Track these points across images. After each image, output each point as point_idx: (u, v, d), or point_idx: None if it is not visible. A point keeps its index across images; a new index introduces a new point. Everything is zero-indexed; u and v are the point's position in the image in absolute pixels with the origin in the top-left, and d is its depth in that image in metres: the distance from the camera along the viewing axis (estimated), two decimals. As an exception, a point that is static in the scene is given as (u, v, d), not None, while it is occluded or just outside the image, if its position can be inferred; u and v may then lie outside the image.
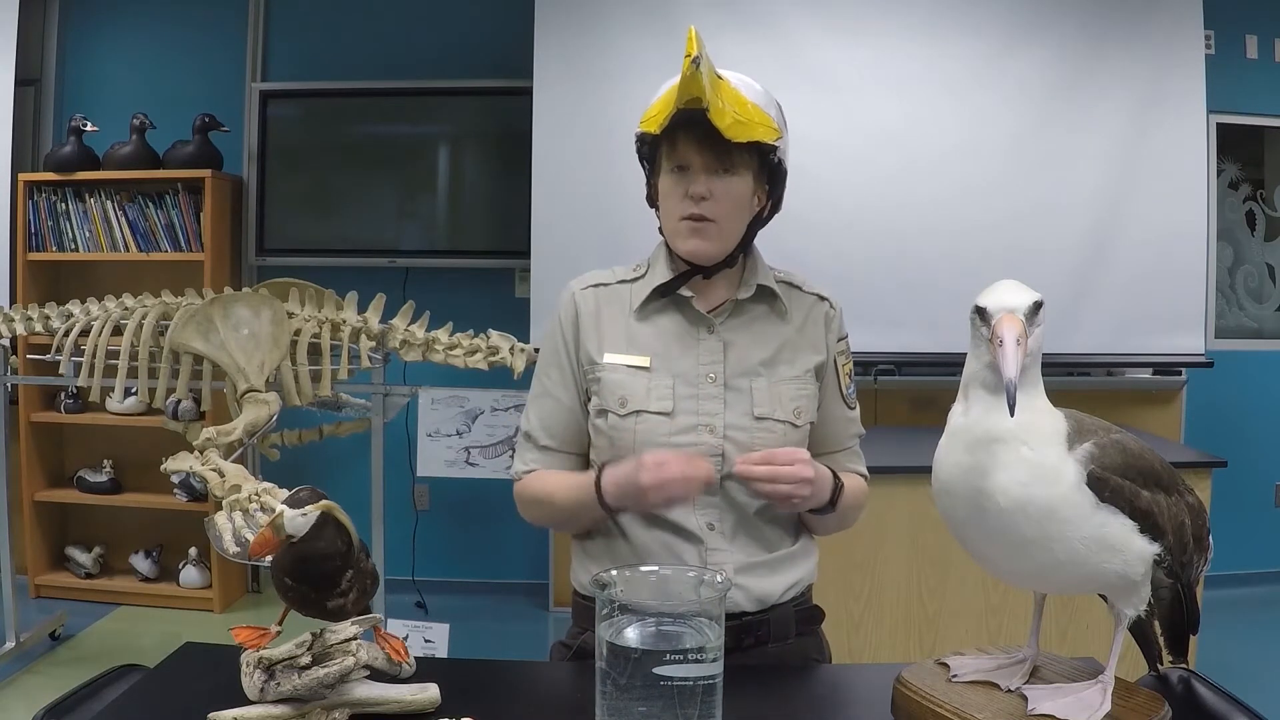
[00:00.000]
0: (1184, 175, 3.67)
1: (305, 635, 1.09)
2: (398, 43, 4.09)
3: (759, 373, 1.37)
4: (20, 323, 3.05)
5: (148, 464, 3.32)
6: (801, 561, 1.41)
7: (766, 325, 1.40)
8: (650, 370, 1.36)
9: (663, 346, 1.37)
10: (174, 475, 3.54)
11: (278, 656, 1.08)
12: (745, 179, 1.33)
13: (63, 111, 4.16)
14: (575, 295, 1.41)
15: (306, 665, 1.08)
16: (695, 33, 1.20)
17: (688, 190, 1.32)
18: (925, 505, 1.17)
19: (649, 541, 1.34)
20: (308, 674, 1.08)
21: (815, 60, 3.64)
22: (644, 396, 1.34)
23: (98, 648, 3.50)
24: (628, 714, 0.95)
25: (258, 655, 1.10)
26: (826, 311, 1.43)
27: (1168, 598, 1.07)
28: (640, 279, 1.41)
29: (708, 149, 1.29)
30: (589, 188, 3.57)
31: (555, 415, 1.41)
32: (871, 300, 3.53)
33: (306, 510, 1.07)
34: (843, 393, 1.44)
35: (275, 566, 1.11)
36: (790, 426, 1.36)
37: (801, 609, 1.42)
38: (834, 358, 1.42)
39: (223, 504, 2.33)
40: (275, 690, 1.08)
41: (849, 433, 1.46)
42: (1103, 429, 1.04)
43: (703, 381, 1.35)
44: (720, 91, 1.27)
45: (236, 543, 2.21)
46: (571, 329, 1.40)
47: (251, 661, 1.10)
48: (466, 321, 2.88)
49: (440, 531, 4.11)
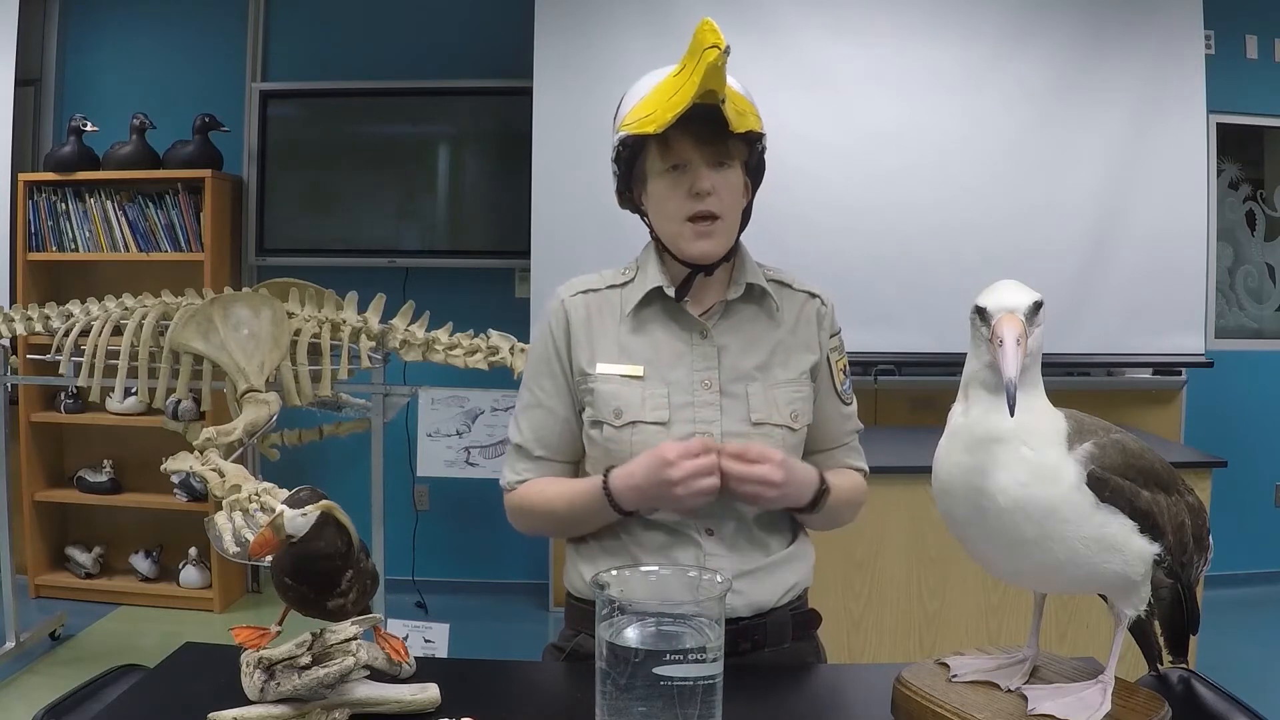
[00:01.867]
0: (1184, 175, 3.67)
1: (305, 635, 1.09)
2: (398, 43, 4.09)
3: (754, 377, 1.34)
4: (20, 323, 3.05)
5: (148, 464, 3.32)
6: (797, 564, 1.39)
7: (758, 327, 1.37)
8: (644, 379, 1.32)
9: (656, 354, 1.34)
10: (174, 475, 3.55)
11: (278, 656, 1.08)
12: (739, 171, 1.31)
13: (63, 111, 4.17)
14: (565, 303, 1.37)
15: (306, 665, 1.08)
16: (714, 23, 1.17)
17: (691, 188, 1.28)
18: (925, 505, 1.17)
19: (646, 544, 1.32)
20: (308, 674, 1.07)
21: (815, 60, 3.64)
22: (639, 407, 1.31)
23: (98, 648, 3.50)
24: (628, 714, 0.95)
25: (258, 655, 1.10)
26: (818, 309, 1.40)
27: (1168, 598, 1.07)
28: (630, 283, 1.37)
29: (706, 143, 1.27)
30: (589, 188, 3.56)
31: (549, 426, 1.38)
32: (872, 300, 3.53)
33: (306, 510, 1.07)
34: (837, 389, 1.41)
35: (275, 566, 1.11)
36: (788, 430, 1.34)
37: (798, 613, 1.40)
38: (827, 355, 1.40)
39: (223, 504, 2.33)
40: (275, 690, 1.08)
41: (845, 429, 1.44)
42: (1103, 429, 1.04)
43: (698, 389, 1.32)
44: None
45: (236, 543, 2.21)
46: (563, 338, 1.36)
47: (251, 661, 1.10)
48: (466, 321, 2.88)
49: (440, 531, 4.11)
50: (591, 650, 1.33)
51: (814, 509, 1.33)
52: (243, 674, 1.10)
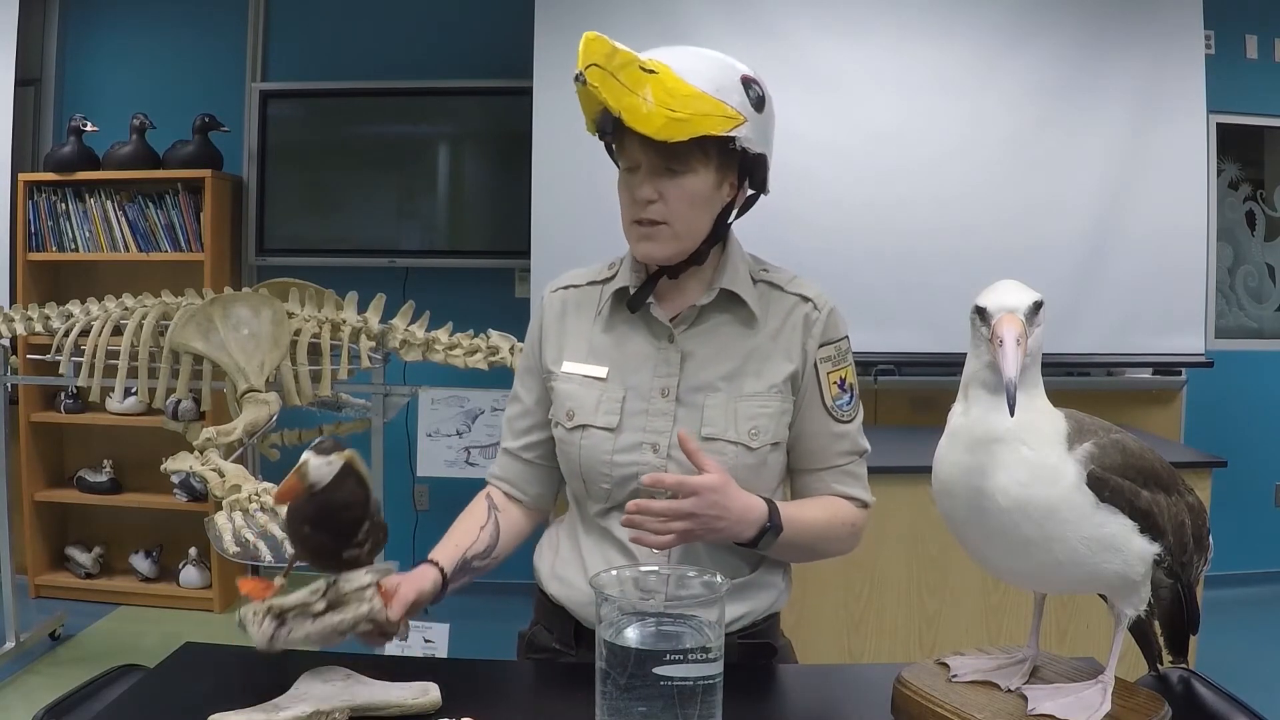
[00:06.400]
0: (1184, 175, 3.66)
1: (319, 582, 1.09)
2: (398, 43, 4.09)
3: (717, 388, 1.26)
4: (20, 323, 3.05)
5: (148, 464, 3.32)
6: (757, 593, 1.31)
7: (733, 334, 1.29)
8: (605, 381, 1.28)
9: (622, 356, 1.29)
10: (174, 475, 3.55)
11: (290, 603, 1.08)
12: (701, 175, 1.22)
13: (63, 111, 4.17)
14: (545, 299, 1.38)
15: (321, 611, 1.07)
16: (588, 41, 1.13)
17: (634, 194, 1.24)
18: (925, 505, 1.17)
19: (593, 554, 1.30)
20: (321, 620, 1.07)
21: (815, 60, 3.64)
22: (592, 410, 1.27)
23: (98, 648, 3.50)
24: (628, 714, 0.95)
25: (266, 604, 1.09)
26: (807, 314, 1.29)
27: (1168, 598, 1.07)
28: (610, 280, 1.34)
29: (652, 149, 1.19)
30: (589, 188, 3.55)
31: (521, 419, 1.39)
32: (872, 300, 3.52)
33: (332, 459, 1.07)
34: (826, 404, 1.29)
35: (294, 516, 1.11)
36: (743, 449, 1.25)
37: (749, 643, 1.30)
38: (815, 364, 1.28)
39: (223, 504, 2.34)
40: (286, 638, 1.07)
41: (836, 449, 1.31)
42: (1103, 429, 1.04)
43: (655, 396, 1.26)
44: (647, 89, 1.16)
45: (236, 542, 2.21)
46: (537, 334, 1.37)
47: (260, 610, 1.09)
48: (466, 321, 2.88)
49: (440, 531, 4.05)
50: (544, 643, 1.36)
51: (757, 545, 1.22)
52: (249, 624, 1.09)
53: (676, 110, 1.16)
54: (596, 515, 1.32)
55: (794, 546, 1.27)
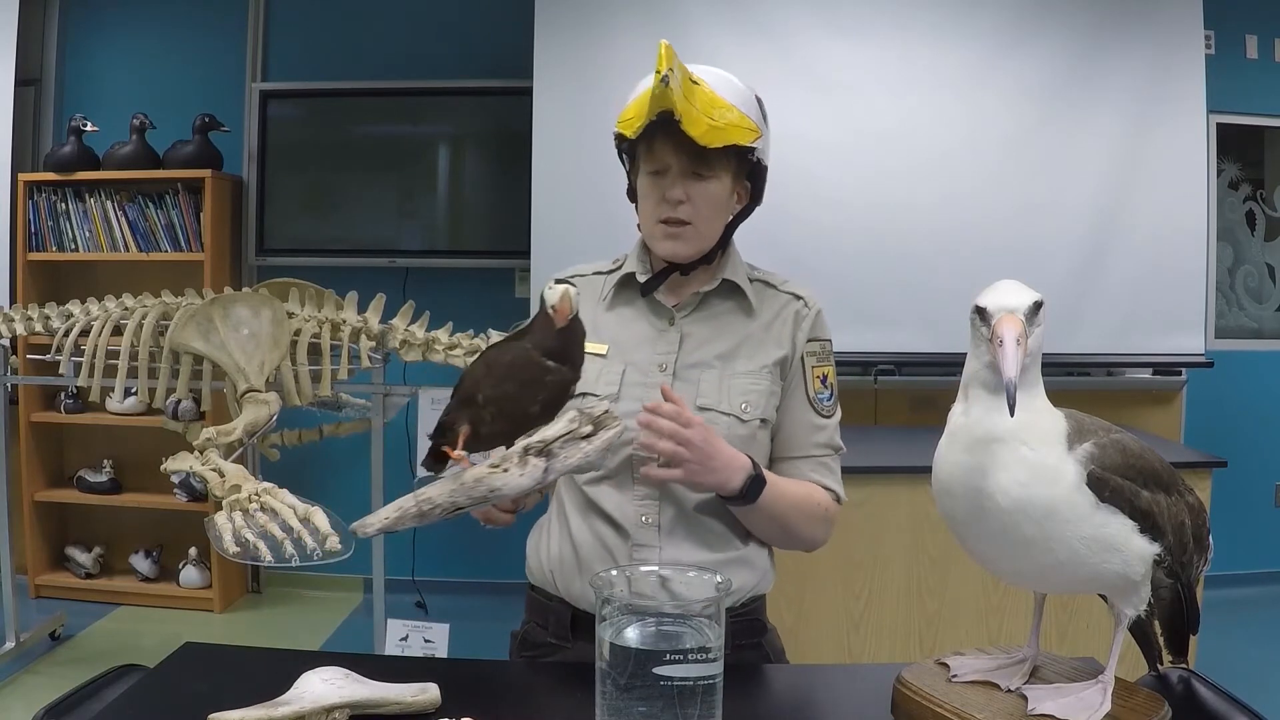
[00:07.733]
0: (1184, 175, 3.66)
1: (571, 412, 1.11)
2: (398, 43, 4.09)
3: (712, 365, 1.35)
4: (20, 323, 3.05)
5: (148, 464, 3.32)
6: (746, 567, 1.36)
7: (730, 320, 1.39)
8: (605, 358, 1.36)
9: (623, 335, 1.38)
10: (174, 475, 3.55)
11: (554, 434, 1.09)
12: (723, 181, 1.33)
13: (63, 111, 4.17)
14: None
15: (588, 434, 1.09)
16: (666, 48, 1.20)
17: (664, 194, 1.32)
18: (925, 505, 1.17)
19: (582, 531, 1.35)
20: (591, 442, 1.09)
21: (815, 60, 3.64)
22: (592, 381, 1.33)
23: (98, 648, 3.50)
24: (628, 714, 0.95)
25: (523, 444, 1.08)
26: (798, 310, 1.40)
27: (1168, 598, 1.07)
28: (615, 271, 1.43)
29: (684, 153, 1.29)
30: (589, 188, 3.56)
31: None
32: (871, 300, 3.52)
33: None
34: (809, 394, 1.38)
35: (525, 359, 1.08)
36: (735, 420, 1.33)
37: (739, 620, 1.35)
38: (802, 356, 1.38)
39: (223, 504, 2.33)
40: (560, 466, 1.08)
41: (814, 440, 1.39)
42: (1103, 429, 1.04)
43: (653, 370, 1.35)
44: (695, 98, 1.26)
45: (236, 542, 2.21)
46: None
47: (513, 455, 1.08)
48: (466, 321, 2.88)
49: (440, 531, 4.05)
50: (537, 639, 1.38)
51: (745, 499, 1.28)
52: (496, 478, 1.07)
53: (715, 119, 1.27)
54: (586, 484, 1.36)
55: (772, 517, 1.33)
